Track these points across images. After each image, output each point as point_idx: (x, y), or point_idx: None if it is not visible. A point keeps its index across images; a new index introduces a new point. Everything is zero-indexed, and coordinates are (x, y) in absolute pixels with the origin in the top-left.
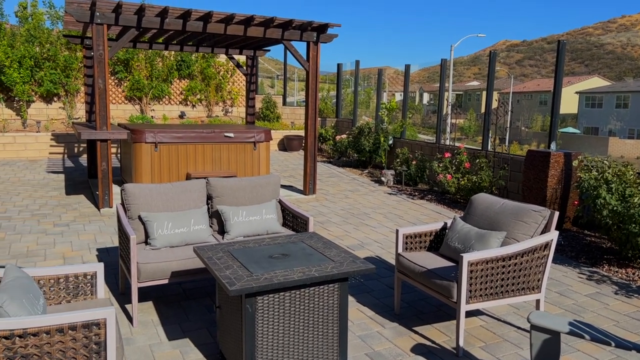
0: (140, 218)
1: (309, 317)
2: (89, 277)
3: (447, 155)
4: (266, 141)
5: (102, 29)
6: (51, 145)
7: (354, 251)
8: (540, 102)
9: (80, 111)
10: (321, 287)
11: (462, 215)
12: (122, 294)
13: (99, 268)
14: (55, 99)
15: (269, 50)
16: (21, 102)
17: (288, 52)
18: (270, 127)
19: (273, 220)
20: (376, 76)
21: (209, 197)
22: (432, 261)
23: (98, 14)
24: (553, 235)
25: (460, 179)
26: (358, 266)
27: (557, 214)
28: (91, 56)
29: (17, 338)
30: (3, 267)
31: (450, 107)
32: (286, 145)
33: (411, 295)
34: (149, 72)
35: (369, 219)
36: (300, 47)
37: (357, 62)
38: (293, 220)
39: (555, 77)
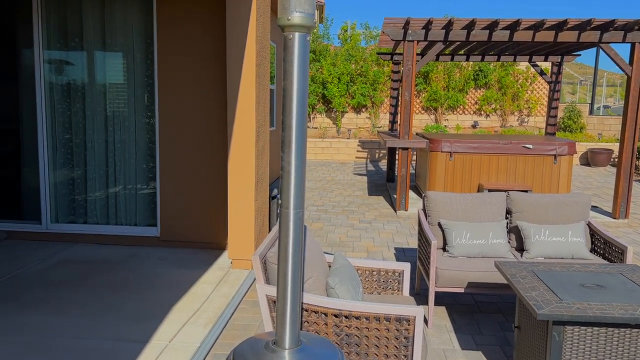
0: (439, 225)
1: None
2: (397, 274)
3: None
4: (569, 154)
5: (412, 46)
6: (357, 151)
7: None
8: None
9: (382, 120)
10: None
11: None
12: (416, 294)
13: (406, 267)
14: (363, 109)
15: (579, 55)
16: (337, 113)
17: (600, 55)
18: (572, 139)
19: (580, 244)
20: None
21: (508, 212)
22: None
23: (410, 31)
24: None
25: None
26: None
27: None
28: (398, 71)
29: (344, 318)
30: (332, 254)
31: None
32: (590, 159)
33: None
34: (446, 83)
35: None
36: (619, 48)
37: None
38: (604, 247)
39: None
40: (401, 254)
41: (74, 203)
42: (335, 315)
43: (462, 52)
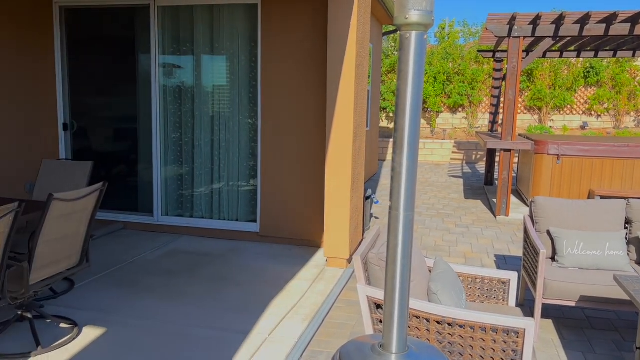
0: (549, 233)
1: None
2: (502, 283)
3: None
4: None
5: (518, 42)
6: (452, 152)
7: None
8: None
9: (480, 121)
10: None
11: None
12: (520, 305)
13: (513, 277)
14: (459, 109)
15: None
16: (432, 113)
17: None
18: None
19: None
20: None
21: (628, 221)
22: None
23: (516, 27)
24: None
25: None
26: None
27: None
28: (500, 69)
29: (447, 325)
30: (431, 258)
31: None
32: None
33: None
34: (552, 81)
35: None
36: None
37: None
38: None
39: None
40: (502, 262)
41: (182, 198)
42: (438, 322)
43: (572, 48)
